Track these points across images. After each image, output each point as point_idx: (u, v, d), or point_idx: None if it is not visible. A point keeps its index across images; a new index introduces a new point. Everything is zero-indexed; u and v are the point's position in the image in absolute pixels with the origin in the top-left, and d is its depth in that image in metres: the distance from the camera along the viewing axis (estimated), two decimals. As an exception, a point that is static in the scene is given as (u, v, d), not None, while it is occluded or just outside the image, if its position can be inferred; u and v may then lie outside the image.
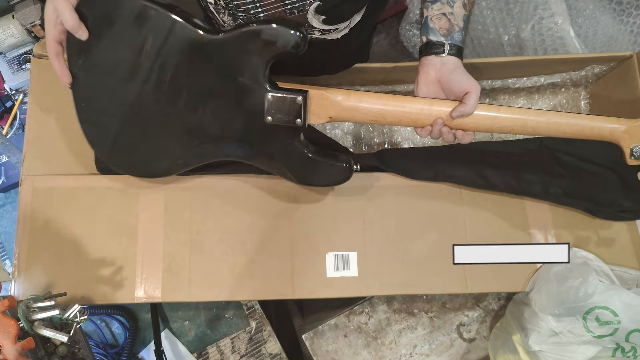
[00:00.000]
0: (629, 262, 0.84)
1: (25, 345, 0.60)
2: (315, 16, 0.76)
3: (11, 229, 1.01)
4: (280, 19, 0.72)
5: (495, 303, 1.01)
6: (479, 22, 1.14)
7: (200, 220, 0.82)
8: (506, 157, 0.88)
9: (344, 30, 0.81)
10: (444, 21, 0.70)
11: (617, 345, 0.77)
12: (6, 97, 1.10)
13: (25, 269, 0.79)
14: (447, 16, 0.70)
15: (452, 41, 0.70)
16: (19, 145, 1.02)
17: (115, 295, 0.79)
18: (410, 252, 0.83)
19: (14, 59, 1.10)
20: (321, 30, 0.79)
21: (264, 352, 0.95)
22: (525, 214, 0.86)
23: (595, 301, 0.73)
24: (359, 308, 1.02)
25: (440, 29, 0.71)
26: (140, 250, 0.81)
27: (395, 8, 1.60)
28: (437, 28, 0.71)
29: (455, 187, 0.86)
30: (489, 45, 1.16)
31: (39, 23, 1.07)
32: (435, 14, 0.71)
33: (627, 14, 1.02)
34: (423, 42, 0.73)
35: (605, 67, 0.91)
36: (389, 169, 0.86)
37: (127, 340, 0.94)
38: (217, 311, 0.96)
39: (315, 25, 0.78)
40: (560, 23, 0.98)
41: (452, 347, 1.00)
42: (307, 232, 0.83)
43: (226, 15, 0.81)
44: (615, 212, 0.84)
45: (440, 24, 0.70)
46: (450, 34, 0.70)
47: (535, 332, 0.80)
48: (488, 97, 1.03)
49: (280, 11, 0.75)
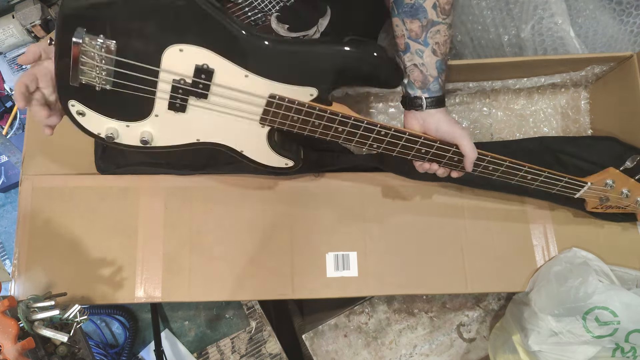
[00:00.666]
0: (629, 262, 0.84)
1: (25, 345, 0.61)
2: (279, 25, 0.76)
3: (11, 229, 1.01)
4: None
5: (495, 303, 1.01)
6: (479, 22, 1.14)
7: (200, 220, 0.82)
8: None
9: (315, 35, 0.81)
10: (416, 73, 0.69)
11: (616, 346, 0.77)
12: (6, 97, 1.10)
13: (25, 269, 0.79)
14: (419, 67, 0.69)
15: (429, 93, 0.69)
16: (19, 145, 1.02)
17: (115, 295, 0.79)
18: (410, 252, 0.83)
19: (14, 59, 1.10)
20: (289, 37, 0.79)
21: (264, 352, 0.95)
22: (526, 213, 0.86)
23: (595, 301, 0.73)
24: (359, 308, 1.02)
25: (415, 81, 0.70)
26: (140, 250, 0.81)
27: (395, 8, 1.60)
28: (412, 80, 0.70)
29: (455, 187, 0.86)
30: (489, 45, 1.16)
31: (39, 23, 1.07)
32: (408, 66, 0.70)
33: (627, 14, 1.02)
34: (403, 92, 0.72)
35: (605, 67, 0.91)
36: (389, 169, 0.86)
37: (127, 340, 0.94)
38: (217, 311, 0.96)
39: (282, 33, 0.78)
40: (560, 23, 0.98)
41: (452, 347, 1.00)
42: (307, 232, 0.83)
43: None
44: (617, 213, 0.84)
45: (414, 76, 0.69)
46: (426, 86, 0.69)
47: (535, 332, 0.80)
48: (488, 98, 1.03)
49: (245, 24, 0.75)
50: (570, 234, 0.85)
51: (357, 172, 0.87)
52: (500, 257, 0.84)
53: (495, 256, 0.84)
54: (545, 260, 0.84)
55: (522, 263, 0.84)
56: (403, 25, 0.69)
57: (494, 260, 0.83)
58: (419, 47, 0.68)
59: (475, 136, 0.99)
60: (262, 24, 0.76)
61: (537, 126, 1.00)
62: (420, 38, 0.68)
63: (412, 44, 0.69)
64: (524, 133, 0.99)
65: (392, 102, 1.01)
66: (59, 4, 1.11)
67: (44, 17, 1.07)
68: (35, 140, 0.86)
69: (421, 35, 0.68)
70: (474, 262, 0.83)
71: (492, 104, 1.02)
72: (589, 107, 1.00)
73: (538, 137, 0.91)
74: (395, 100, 1.00)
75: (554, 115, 1.01)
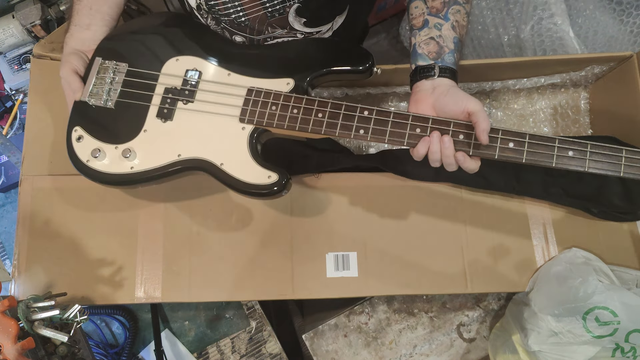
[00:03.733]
0: (629, 262, 0.84)
1: (25, 345, 0.61)
2: (296, 19, 0.76)
3: (11, 229, 1.01)
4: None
5: (495, 303, 1.01)
6: (479, 22, 1.14)
7: (200, 220, 0.82)
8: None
9: (327, 32, 0.81)
10: (432, 45, 0.66)
11: (616, 346, 0.77)
12: (6, 97, 1.10)
13: (25, 269, 0.79)
14: (436, 39, 0.66)
15: (443, 63, 0.65)
16: (19, 145, 1.02)
17: (115, 295, 0.79)
18: (410, 252, 0.83)
19: (14, 59, 1.10)
20: (303, 32, 0.79)
21: (264, 352, 0.95)
22: (526, 214, 0.86)
23: (595, 301, 0.73)
24: (359, 308, 1.02)
25: (429, 53, 0.67)
26: (140, 250, 0.81)
27: (395, 8, 1.60)
28: (425, 53, 0.67)
29: (455, 187, 0.86)
30: (489, 45, 1.16)
31: (39, 23, 1.07)
32: (423, 40, 0.67)
33: (627, 14, 1.02)
34: (412, 69, 0.69)
35: (605, 67, 0.91)
36: (389, 169, 0.86)
37: (127, 340, 0.94)
38: (217, 311, 0.96)
39: (297, 27, 0.78)
40: (559, 24, 0.98)
41: (452, 347, 1.00)
42: (307, 232, 0.83)
43: (209, 19, 0.81)
44: (615, 212, 0.84)
45: (429, 49, 0.67)
46: (440, 56, 0.66)
47: (535, 332, 0.80)
48: (488, 98, 1.03)
49: (261, 14, 0.75)
50: (570, 234, 0.85)
51: (357, 172, 0.87)
52: (500, 257, 0.84)
53: (495, 256, 0.84)
54: (545, 260, 0.84)
55: (522, 263, 0.84)
56: (424, 5, 0.67)
57: (494, 260, 0.83)
58: (439, 20, 0.66)
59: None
60: (279, 16, 0.75)
61: (537, 126, 1.00)
62: (441, 13, 0.66)
63: (431, 19, 0.66)
64: (523, 133, 0.99)
65: (392, 102, 1.01)
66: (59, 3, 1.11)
67: (44, 17, 1.07)
68: (35, 140, 0.86)
69: (442, 10, 0.66)
70: (474, 262, 0.83)
71: (492, 104, 1.02)
72: (588, 107, 1.00)
73: (538, 137, 0.91)
74: (396, 101, 1.00)
75: (553, 115, 1.01)
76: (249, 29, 0.80)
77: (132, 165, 0.71)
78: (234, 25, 0.80)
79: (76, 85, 0.75)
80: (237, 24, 0.79)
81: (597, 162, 0.59)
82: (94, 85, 0.74)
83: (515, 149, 0.61)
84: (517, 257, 0.84)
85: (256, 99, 0.70)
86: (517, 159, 0.61)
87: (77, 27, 0.79)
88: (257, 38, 0.82)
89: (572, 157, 0.59)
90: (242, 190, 0.68)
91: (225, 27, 0.81)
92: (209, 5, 0.76)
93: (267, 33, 0.81)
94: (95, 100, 0.74)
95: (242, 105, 0.70)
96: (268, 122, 0.69)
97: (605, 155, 0.59)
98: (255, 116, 0.69)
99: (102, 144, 0.72)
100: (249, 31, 0.80)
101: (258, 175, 0.67)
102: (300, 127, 0.68)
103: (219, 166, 0.69)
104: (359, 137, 0.66)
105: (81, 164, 0.73)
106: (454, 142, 0.62)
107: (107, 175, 0.71)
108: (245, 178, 0.67)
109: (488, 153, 0.61)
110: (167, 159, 0.71)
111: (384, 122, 0.66)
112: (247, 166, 0.68)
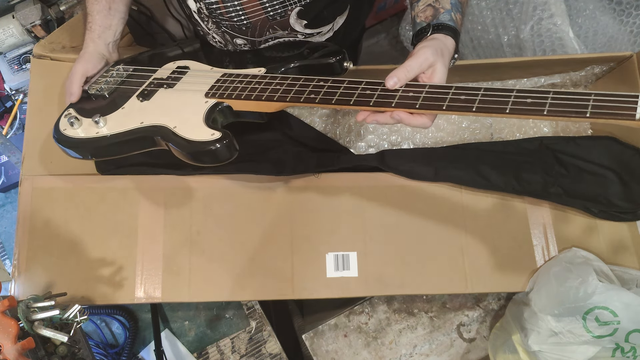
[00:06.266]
0: (629, 262, 0.84)
1: (25, 345, 0.61)
2: (297, 21, 0.76)
3: (11, 229, 1.01)
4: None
5: (495, 303, 1.01)
6: (479, 22, 1.14)
7: (200, 220, 0.82)
8: (506, 156, 0.88)
9: (328, 33, 0.81)
10: (429, 11, 0.66)
11: (616, 346, 0.77)
12: (6, 97, 1.10)
13: (25, 269, 0.79)
14: (432, 5, 0.66)
15: (437, 21, 0.64)
16: (19, 145, 1.02)
17: (115, 295, 0.79)
18: (410, 253, 0.83)
19: (14, 59, 1.10)
20: (304, 34, 0.79)
21: (264, 352, 0.95)
22: (526, 213, 0.86)
23: (595, 301, 0.73)
24: (359, 308, 1.02)
25: (425, 18, 0.66)
26: (140, 250, 0.81)
27: (395, 8, 1.60)
28: (422, 19, 0.67)
29: (455, 187, 0.86)
30: (489, 45, 1.16)
31: (39, 23, 1.07)
32: (421, 9, 0.67)
33: (627, 14, 1.02)
34: (411, 42, 0.68)
35: (605, 67, 0.91)
36: (389, 170, 0.86)
37: (127, 340, 0.94)
38: (217, 311, 0.96)
39: (297, 29, 0.78)
40: (559, 24, 0.98)
41: (452, 347, 1.00)
42: (307, 232, 0.83)
43: (210, 23, 0.81)
44: (615, 212, 0.84)
45: (426, 15, 0.66)
46: (436, 17, 0.65)
47: (535, 332, 0.80)
48: (488, 98, 1.03)
49: (262, 18, 0.75)
50: (570, 234, 0.85)
51: (357, 172, 0.87)
52: (500, 257, 0.84)
53: (495, 256, 0.84)
54: (545, 260, 0.84)
55: (522, 263, 0.84)
56: None
57: (494, 260, 0.83)
58: None
59: (475, 136, 0.99)
60: (280, 19, 0.75)
61: (537, 126, 1.00)
62: None
63: None
64: (524, 133, 0.99)
65: (392, 102, 1.00)
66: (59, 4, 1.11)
67: (44, 17, 1.07)
68: (35, 140, 0.86)
69: None
70: (474, 262, 0.83)
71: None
72: (588, 107, 1.00)
73: (538, 137, 0.91)
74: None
75: (553, 115, 1.01)
76: (250, 31, 0.80)
77: (98, 130, 0.74)
78: (235, 28, 0.80)
79: (76, 90, 0.79)
80: (238, 27, 0.79)
81: (559, 105, 0.53)
82: (97, 80, 0.82)
83: (467, 103, 0.57)
84: (517, 257, 0.84)
85: (227, 79, 0.74)
86: (468, 107, 0.56)
87: (100, 27, 0.82)
88: (258, 40, 0.82)
89: (530, 104, 0.54)
90: (188, 150, 0.67)
91: (226, 31, 0.81)
92: (209, 9, 0.77)
93: (267, 35, 0.81)
94: (94, 90, 0.80)
95: (213, 83, 0.74)
96: (229, 94, 0.71)
97: (569, 99, 0.53)
98: (220, 90, 0.72)
99: (83, 118, 0.77)
100: (249, 34, 0.80)
101: (204, 134, 0.68)
102: (256, 96, 0.69)
103: (171, 129, 0.69)
104: (309, 100, 0.65)
105: (59, 134, 0.76)
106: (404, 97, 0.60)
107: (74, 140, 0.74)
108: (191, 137, 0.68)
109: (436, 104, 0.58)
110: (130, 125, 0.73)
111: (336, 88, 0.65)
112: (196, 128, 0.69)
